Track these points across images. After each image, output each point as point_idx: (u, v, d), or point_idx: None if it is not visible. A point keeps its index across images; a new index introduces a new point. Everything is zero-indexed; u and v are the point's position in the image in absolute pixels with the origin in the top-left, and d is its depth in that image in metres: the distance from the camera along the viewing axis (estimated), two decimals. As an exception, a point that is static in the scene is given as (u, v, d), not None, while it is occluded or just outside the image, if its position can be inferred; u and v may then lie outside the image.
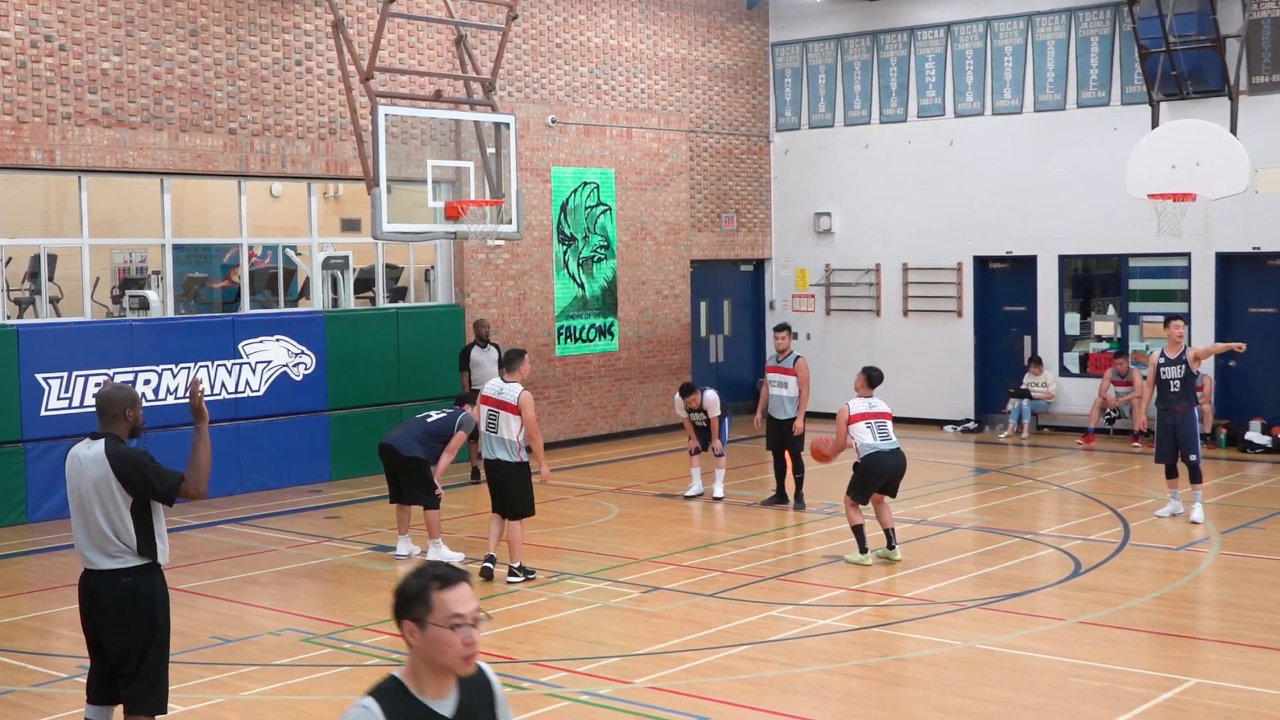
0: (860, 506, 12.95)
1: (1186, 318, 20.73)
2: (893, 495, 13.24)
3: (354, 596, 12.08)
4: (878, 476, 12.96)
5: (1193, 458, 14.53)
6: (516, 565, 12.38)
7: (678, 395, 16.59)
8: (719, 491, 16.37)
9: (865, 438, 12.93)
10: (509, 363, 12.53)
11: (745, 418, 23.71)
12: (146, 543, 6.96)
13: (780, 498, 15.90)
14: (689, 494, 16.55)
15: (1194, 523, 14.43)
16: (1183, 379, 14.57)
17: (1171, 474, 14.83)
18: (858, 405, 13.06)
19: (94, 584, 6.98)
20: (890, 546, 13.04)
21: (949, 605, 11.36)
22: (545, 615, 11.32)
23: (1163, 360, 14.79)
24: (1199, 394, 15.06)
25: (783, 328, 16.11)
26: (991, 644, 10.24)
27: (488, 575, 12.40)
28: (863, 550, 12.90)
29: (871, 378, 13.31)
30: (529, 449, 12.36)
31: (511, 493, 12.35)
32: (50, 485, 15.05)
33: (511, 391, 12.25)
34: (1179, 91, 19.68)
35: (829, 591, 11.95)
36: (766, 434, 16.04)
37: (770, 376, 15.97)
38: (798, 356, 15.80)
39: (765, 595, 11.78)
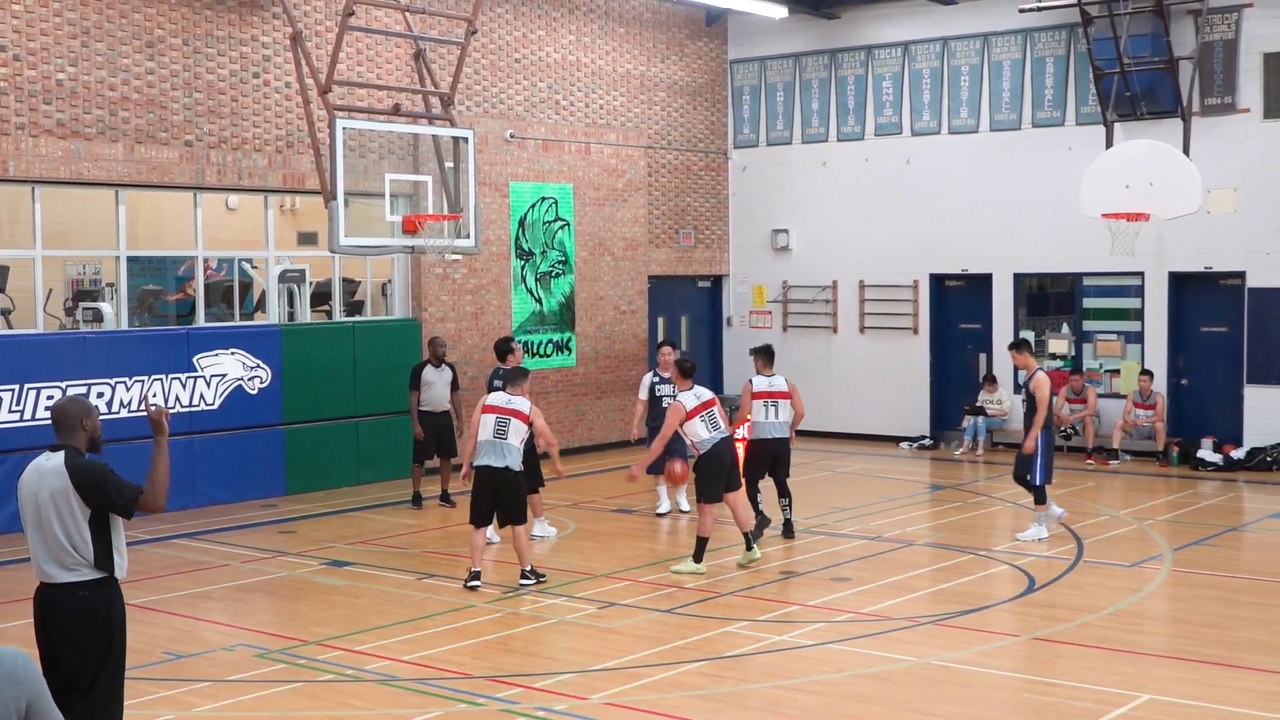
0: (714, 513, 13.08)
1: (1140, 336, 20.98)
2: (737, 487, 13.36)
3: (308, 612, 12.01)
4: (720, 468, 13.10)
5: (1028, 477, 14.74)
6: (529, 569, 12.65)
7: (658, 362, 16.30)
8: (686, 505, 16.36)
9: (699, 432, 13.06)
10: (515, 380, 12.81)
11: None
12: (104, 556, 6.91)
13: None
14: (660, 511, 16.48)
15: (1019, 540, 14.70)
16: (1026, 402, 14.90)
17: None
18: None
19: (50, 597, 6.91)
20: (749, 548, 13.35)
21: (903, 621, 11.40)
22: (501, 631, 11.29)
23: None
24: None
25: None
26: (946, 660, 10.28)
27: (475, 586, 12.49)
28: (697, 560, 13.09)
29: (685, 370, 13.41)
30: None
31: (516, 499, 12.56)
32: (4, 498, 14.89)
33: (523, 403, 12.54)
34: (1133, 112, 19.87)
35: (785, 607, 11.97)
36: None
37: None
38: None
39: (721, 611, 11.79)
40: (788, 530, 14.81)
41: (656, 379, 16.22)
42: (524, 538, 12.71)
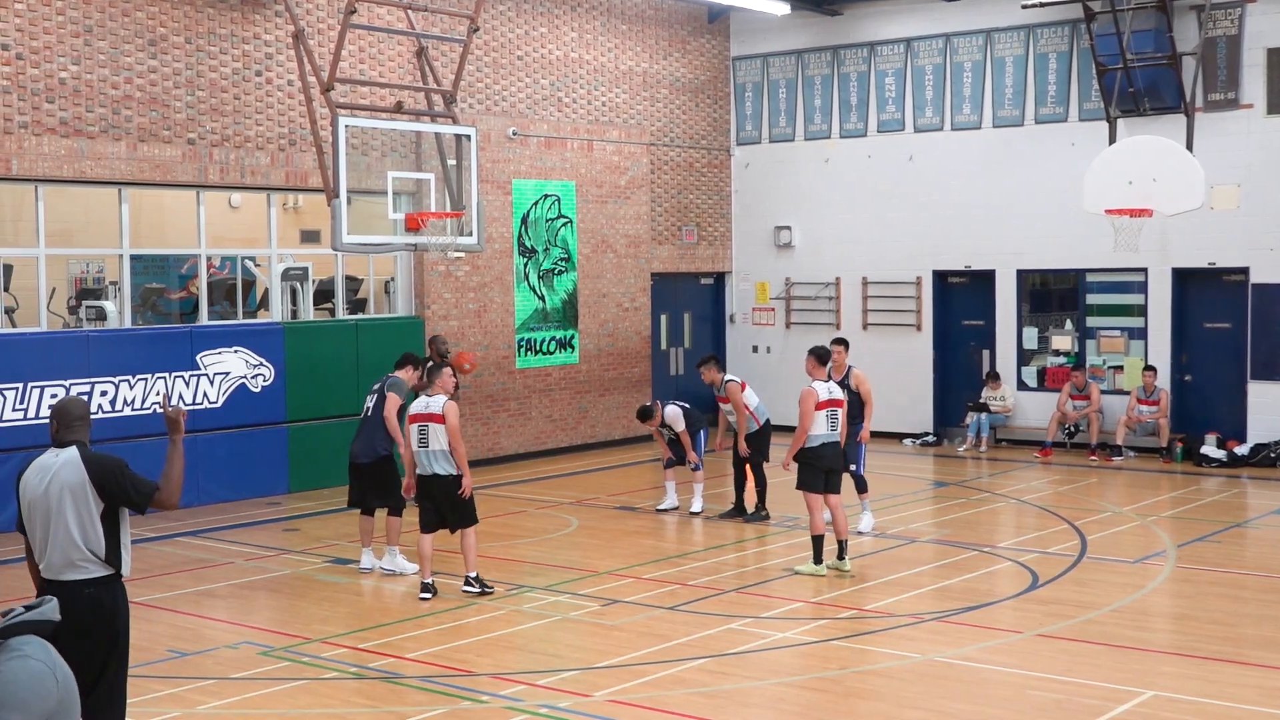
0: (820, 506, 12.95)
1: (1143, 332, 20.97)
2: (836, 490, 13.22)
3: (312, 610, 12.01)
4: (820, 465, 12.99)
5: (850, 467, 14.85)
6: (474, 575, 12.31)
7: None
8: (697, 506, 16.24)
9: (820, 426, 12.98)
10: (429, 377, 12.55)
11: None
12: (113, 552, 6.93)
13: (738, 510, 15.99)
14: (662, 507, 16.47)
15: (860, 533, 14.89)
16: (848, 400, 14.98)
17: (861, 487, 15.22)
18: (821, 390, 13.05)
19: (56, 595, 6.91)
20: (840, 557, 13.07)
21: (907, 618, 11.40)
22: (504, 628, 11.29)
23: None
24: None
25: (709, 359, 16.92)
26: (949, 656, 10.28)
27: (426, 598, 12.30)
28: (817, 561, 12.92)
29: (821, 357, 13.39)
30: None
31: (453, 504, 12.26)
32: (6, 497, 14.87)
33: (436, 402, 12.24)
34: (1136, 108, 19.85)
35: (788, 604, 11.97)
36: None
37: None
38: (728, 380, 16.23)
39: (725, 608, 11.78)
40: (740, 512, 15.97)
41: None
42: (472, 539, 12.29)
